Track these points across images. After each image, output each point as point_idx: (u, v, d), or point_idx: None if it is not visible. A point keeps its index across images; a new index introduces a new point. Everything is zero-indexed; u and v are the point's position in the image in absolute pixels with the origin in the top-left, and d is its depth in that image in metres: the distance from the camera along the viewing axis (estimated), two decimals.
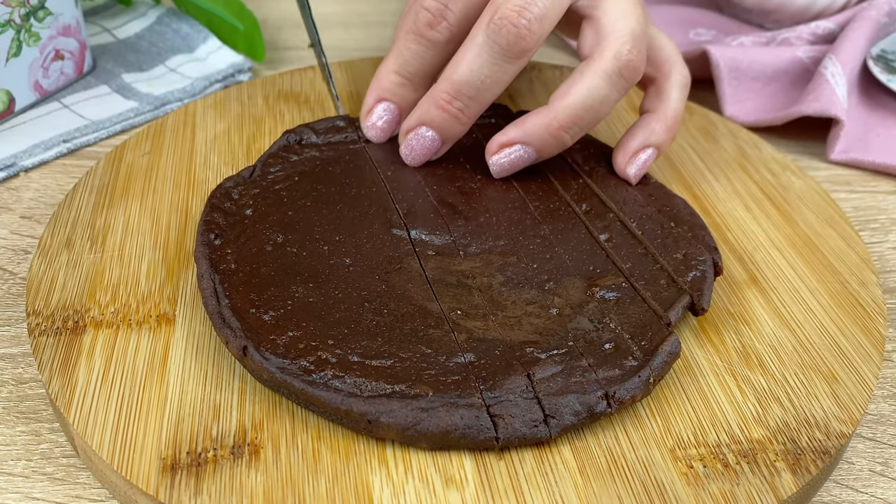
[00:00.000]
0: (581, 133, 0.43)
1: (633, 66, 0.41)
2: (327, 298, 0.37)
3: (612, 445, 0.33)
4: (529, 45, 0.40)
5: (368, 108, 0.46)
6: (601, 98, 0.41)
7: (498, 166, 0.44)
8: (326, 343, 0.34)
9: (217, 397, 0.34)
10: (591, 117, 0.42)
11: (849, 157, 0.54)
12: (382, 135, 0.46)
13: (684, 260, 0.40)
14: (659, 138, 0.45)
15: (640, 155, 0.44)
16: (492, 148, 0.44)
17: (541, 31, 0.40)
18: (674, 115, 0.45)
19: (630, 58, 0.41)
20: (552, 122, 0.42)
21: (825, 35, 0.61)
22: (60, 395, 0.34)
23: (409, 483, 0.31)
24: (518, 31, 0.40)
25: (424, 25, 0.42)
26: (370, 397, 0.32)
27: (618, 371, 0.34)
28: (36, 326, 0.37)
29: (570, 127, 0.42)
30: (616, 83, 0.41)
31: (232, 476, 0.31)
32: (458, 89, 0.42)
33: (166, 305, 0.38)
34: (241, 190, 0.42)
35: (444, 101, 0.42)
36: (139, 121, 0.54)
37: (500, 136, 0.43)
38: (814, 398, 0.36)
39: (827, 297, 0.41)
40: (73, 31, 0.54)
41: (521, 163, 0.43)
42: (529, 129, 0.42)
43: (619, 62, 0.41)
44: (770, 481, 0.32)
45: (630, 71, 0.41)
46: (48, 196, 0.48)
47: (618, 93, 0.42)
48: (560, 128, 0.42)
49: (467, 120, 0.43)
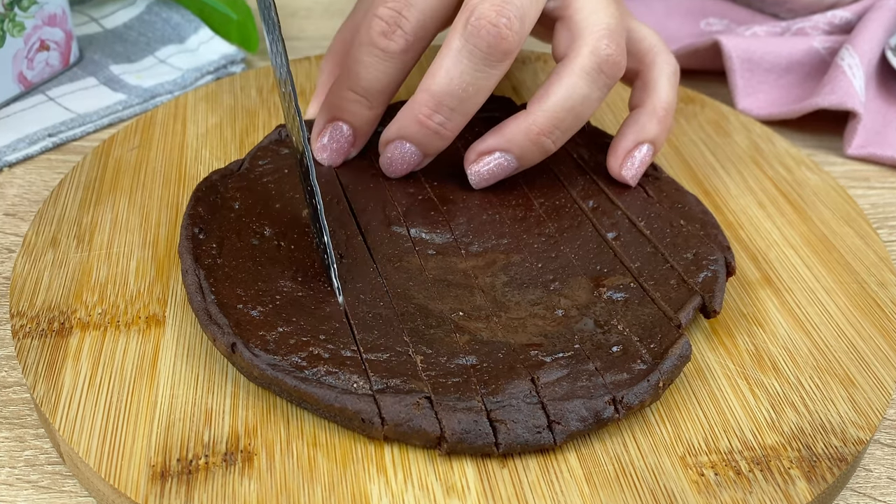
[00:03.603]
0: (564, 137, 0.42)
1: (613, 60, 0.41)
2: (317, 292, 0.37)
3: (619, 452, 0.33)
4: (512, 45, 0.39)
5: (320, 129, 0.44)
6: (581, 98, 0.41)
7: (477, 176, 0.43)
8: (318, 338, 0.35)
9: (209, 402, 0.34)
10: (573, 119, 0.41)
11: (867, 151, 0.54)
12: (335, 157, 0.44)
13: (695, 259, 0.39)
14: (651, 133, 0.44)
15: (633, 154, 0.44)
16: (470, 157, 0.43)
17: (522, 30, 0.39)
18: (664, 105, 0.44)
19: (608, 52, 0.40)
20: (531, 126, 0.41)
21: (842, 25, 0.61)
22: (45, 399, 0.34)
23: (409, 491, 0.31)
24: (499, 31, 0.38)
25: (378, 35, 0.40)
26: (364, 394, 0.32)
27: (626, 375, 0.34)
28: (20, 328, 0.37)
29: (550, 131, 0.41)
30: (596, 80, 0.41)
31: (224, 484, 0.31)
32: (439, 101, 0.40)
33: (156, 306, 0.38)
34: (227, 183, 0.42)
35: (423, 116, 0.40)
36: (128, 114, 0.54)
37: (479, 144, 0.42)
38: (830, 403, 0.36)
39: (844, 297, 0.41)
40: (59, 21, 0.54)
41: (502, 172, 0.42)
42: (508, 135, 0.41)
43: (597, 58, 0.40)
44: (784, 489, 0.32)
45: (610, 66, 0.41)
46: (33, 192, 0.48)
47: (599, 91, 0.41)
48: (540, 133, 0.41)
49: (450, 134, 0.41)
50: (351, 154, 0.44)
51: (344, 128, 0.43)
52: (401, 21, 0.40)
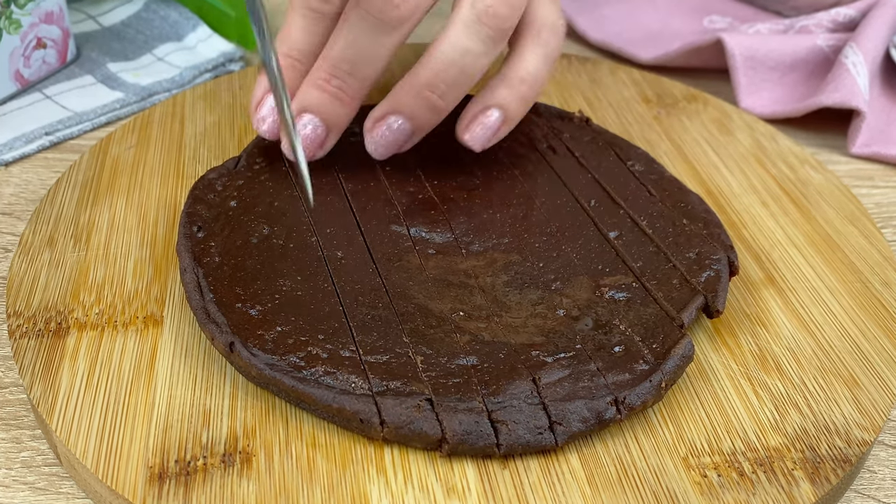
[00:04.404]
0: (453, 93, 0.41)
1: (493, 11, 0.40)
2: (316, 291, 0.37)
3: (621, 454, 0.33)
4: (404, 13, 0.39)
5: (257, 101, 0.43)
6: (462, 50, 0.40)
7: (374, 145, 0.42)
8: (317, 338, 0.35)
9: (207, 402, 0.34)
10: (457, 73, 0.40)
11: (871, 150, 0.54)
12: (274, 128, 0.43)
13: (698, 259, 0.39)
14: (500, 98, 0.42)
15: (479, 118, 0.43)
16: (367, 126, 0.42)
17: (417, 0, 0.39)
18: (523, 76, 0.42)
19: (488, 3, 0.40)
20: (413, 82, 0.41)
21: (846, 23, 0.61)
22: (42, 400, 0.34)
23: (409, 493, 0.31)
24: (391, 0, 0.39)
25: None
26: (363, 395, 0.32)
27: (628, 375, 0.34)
28: (17, 328, 0.37)
29: (435, 85, 0.40)
30: (477, 32, 0.40)
31: (223, 485, 0.31)
32: (334, 65, 0.40)
33: (154, 306, 0.38)
34: (225, 181, 0.42)
35: (321, 80, 0.40)
36: (125, 112, 0.54)
37: (374, 111, 0.42)
38: (834, 404, 0.36)
39: (848, 297, 0.41)
40: (56, 18, 0.54)
41: (400, 137, 0.42)
42: (395, 96, 0.41)
43: (476, 9, 0.40)
44: (788, 491, 0.32)
45: (489, 17, 0.40)
46: (29, 191, 0.48)
47: (482, 44, 0.40)
48: (424, 86, 0.40)
49: (348, 100, 0.41)
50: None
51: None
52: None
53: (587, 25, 0.64)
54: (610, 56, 0.62)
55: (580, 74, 0.56)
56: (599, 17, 0.65)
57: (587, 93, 0.55)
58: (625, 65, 0.59)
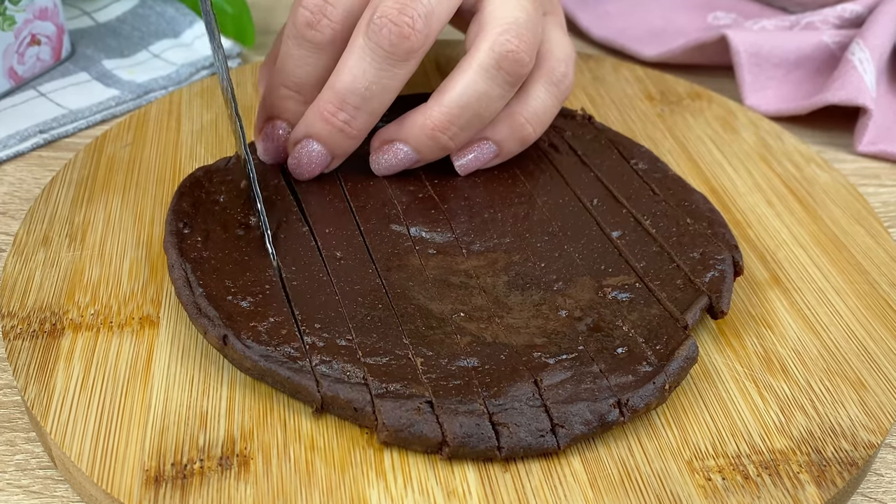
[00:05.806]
0: (464, 133, 0.41)
1: (514, 56, 0.40)
2: (312, 281, 0.37)
3: (624, 457, 0.33)
4: (415, 45, 0.39)
5: (259, 130, 0.43)
6: (478, 94, 0.40)
7: (378, 164, 0.43)
8: (313, 327, 0.35)
9: (204, 404, 0.34)
10: (471, 116, 0.41)
11: (878, 148, 0.54)
12: (275, 155, 0.43)
13: (702, 259, 0.39)
14: (503, 138, 0.43)
15: (474, 146, 0.43)
16: (374, 144, 0.43)
17: (427, 30, 0.39)
18: (528, 119, 0.43)
19: (509, 48, 0.40)
20: (426, 122, 0.41)
21: (852, 19, 0.61)
22: (37, 402, 0.34)
23: (409, 496, 0.31)
24: (400, 31, 0.38)
25: (304, 26, 0.40)
26: (357, 384, 0.33)
27: (631, 377, 0.34)
28: (11, 329, 0.37)
29: (446, 128, 0.41)
30: (494, 77, 0.40)
31: (220, 489, 0.31)
32: (342, 99, 0.40)
33: (149, 307, 0.38)
34: (214, 178, 0.42)
35: (328, 113, 0.40)
36: (121, 110, 0.54)
37: (383, 132, 0.43)
38: (840, 406, 0.36)
39: (854, 298, 0.41)
40: (51, 14, 0.54)
41: (404, 162, 0.43)
42: (406, 128, 0.42)
43: (496, 53, 0.40)
44: (793, 494, 0.32)
45: (510, 62, 0.40)
46: (24, 190, 0.48)
47: (500, 87, 0.40)
48: (435, 128, 0.41)
49: (356, 133, 0.41)
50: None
51: (280, 126, 0.43)
52: (326, 10, 0.40)
53: (590, 22, 0.64)
54: (613, 53, 0.62)
55: (583, 72, 0.56)
56: (602, 14, 0.65)
57: (590, 90, 0.55)
58: (628, 62, 0.59)
